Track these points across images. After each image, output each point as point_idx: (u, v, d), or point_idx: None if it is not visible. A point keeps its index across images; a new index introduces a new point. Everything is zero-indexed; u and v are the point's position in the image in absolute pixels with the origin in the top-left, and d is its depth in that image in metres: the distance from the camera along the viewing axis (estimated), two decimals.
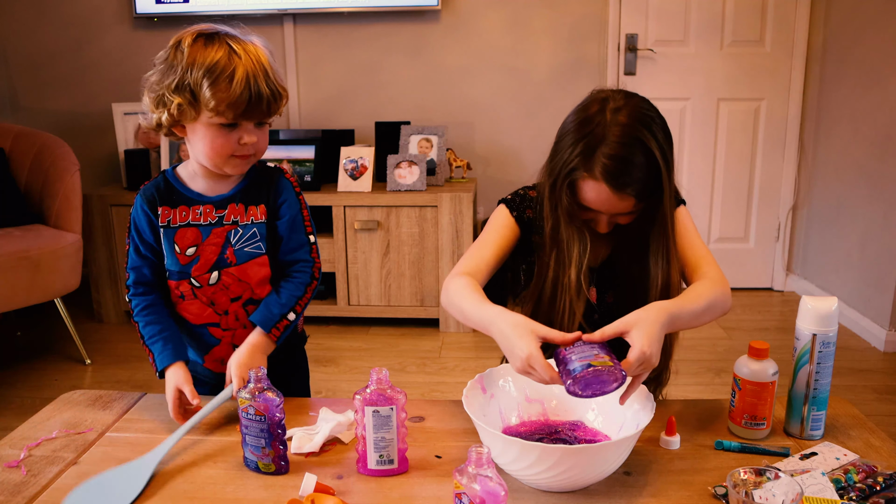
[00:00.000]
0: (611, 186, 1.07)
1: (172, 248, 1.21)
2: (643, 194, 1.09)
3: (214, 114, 1.10)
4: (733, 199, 3.49)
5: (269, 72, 1.14)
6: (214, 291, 1.23)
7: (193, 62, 1.10)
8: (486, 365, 1.23)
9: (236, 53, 1.11)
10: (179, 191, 1.23)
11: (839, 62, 3.14)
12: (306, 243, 1.26)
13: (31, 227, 2.71)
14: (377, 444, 0.97)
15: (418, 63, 3.42)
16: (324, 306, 3.11)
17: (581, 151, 1.08)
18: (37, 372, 2.71)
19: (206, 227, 1.21)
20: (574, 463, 0.88)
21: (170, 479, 0.98)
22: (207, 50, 1.11)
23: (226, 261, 1.22)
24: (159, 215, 1.21)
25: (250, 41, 1.15)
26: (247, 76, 1.10)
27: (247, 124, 1.14)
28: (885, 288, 2.81)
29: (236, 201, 1.22)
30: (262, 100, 1.12)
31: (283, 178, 1.26)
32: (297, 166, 3.08)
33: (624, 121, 1.07)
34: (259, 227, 1.22)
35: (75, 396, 1.24)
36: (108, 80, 3.49)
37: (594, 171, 1.07)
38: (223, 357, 1.26)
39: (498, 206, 1.28)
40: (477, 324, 1.07)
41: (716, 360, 2.71)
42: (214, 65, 1.09)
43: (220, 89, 1.09)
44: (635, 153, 1.06)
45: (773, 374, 1.04)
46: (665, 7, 3.29)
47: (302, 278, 1.25)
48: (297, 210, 1.25)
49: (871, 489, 0.90)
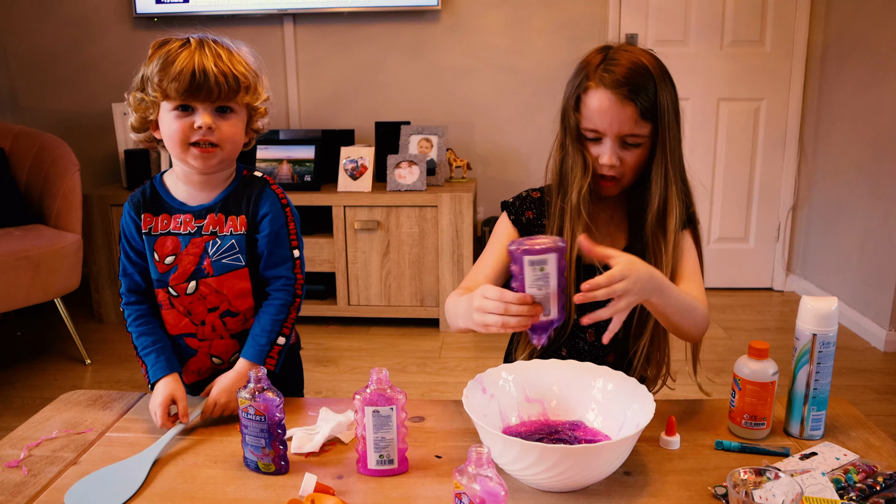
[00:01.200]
0: (613, 90, 1.11)
1: (153, 255, 1.20)
2: (646, 110, 1.11)
3: (162, 96, 1.10)
4: (733, 199, 3.50)
5: (223, 55, 1.11)
6: (191, 301, 1.21)
7: (151, 58, 1.12)
8: (486, 365, 1.23)
9: (189, 43, 1.11)
10: (163, 198, 1.21)
11: (839, 62, 3.14)
12: (289, 258, 1.22)
13: (31, 227, 2.71)
14: (377, 444, 0.97)
15: (418, 63, 3.42)
16: (324, 306, 3.11)
17: (586, 73, 1.14)
18: (37, 372, 2.71)
19: (185, 236, 1.19)
20: (574, 463, 0.88)
21: (170, 479, 0.98)
22: (165, 46, 1.12)
23: (203, 271, 1.20)
24: (141, 223, 1.20)
25: (218, 39, 1.14)
26: (192, 55, 1.09)
27: (201, 108, 1.11)
28: (885, 288, 2.81)
29: (216, 211, 1.19)
30: (209, 77, 1.09)
31: (267, 189, 1.22)
32: (296, 166, 3.08)
33: (632, 50, 1.15)
34: (238, 238, 1.19)
35: (75, 396, 1.24)
36: (108, 80, 3.50)
37: (596, 78, 1.13)
38: (200, 369, 1.25)
39: (501, 213, 1.29)
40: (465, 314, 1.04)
41: (716, 360, 2.70)
42: (167, 54, 1.10)
43: (164, 66, 1.09)
44: (639, 71, 1.12)
45: (773, 374, 1.04)
46: (665, 7, 3.29)
47: (284, 299, 1.21)
48: (280, 224, 1.21)
49: (871, 489, 0.90)
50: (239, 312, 1.22)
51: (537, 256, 0.90)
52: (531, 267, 0.90)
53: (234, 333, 1.24)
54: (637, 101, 1.11)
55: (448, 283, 3.00)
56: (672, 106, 1.15)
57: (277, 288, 1.21)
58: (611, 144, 1.14)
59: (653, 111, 1.12)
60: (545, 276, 0.91)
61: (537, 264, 0.90)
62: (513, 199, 1.28)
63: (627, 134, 1.13)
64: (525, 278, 0.92)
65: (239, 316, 1.23)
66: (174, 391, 1.13)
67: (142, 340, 1.20)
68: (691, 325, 1.14)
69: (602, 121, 1.13)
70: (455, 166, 3.23)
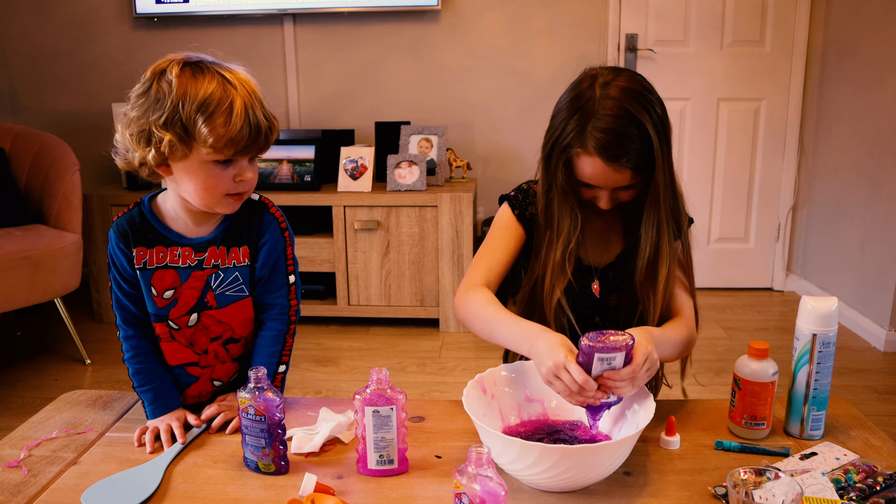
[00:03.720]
0: (605, 160, 1.07)
1: (150, 290, 1.14)
2: (639, 166, 1.09)
3: (212, 150, 1.01)
4: (733, 199, 3.49)
5: (262, 103, 1.06)
6: (193, 332, 1.16)
7: (185, 94, 1.00)
8: (486, 365, 1.23)
9: (231, 84, 1.03)
10: (157, 229, 1.13)
11: (839, 62, 3.14)
12: (285, 285, 1.18)
13: (31, 227, 2.71)
14: (377, 444, 0.97)
15: (418, 63, 3.42)
16: (324, 306, 3.11)
17: (574, 128, 1.09)
18: (37, 372, 2.71)
19: (185, 269, 1.13)
20: (574, 463, 0.88)
21: (170, 479, 0.98)
22: (198, 81, 1.01)
23: (206, 304, 1.15)
24: (134, 256, 1.13)
25: (238, 70, 1.07)
26: (245, 109, 1.02)
27: (242, 160, 1.06)
28: (885, 288, 2.81)
29: (217, 244, 1.13)
30: (261, 133, 1.05)
31: (267, 215, 1.16)
32: (296, 166, 3.08)
33: (614, 94, 1.07)
34: (241, 270, 1.15)
35: (75, 396, 1.24)
36: (108, 80, 3.50)
37: (587, 146, 1.08)
38: (200, 392, 1.22)
39: (501, 205, 1.28)
40: (510, 337, 1.07)
41: (716, 360, 2.71)
42: (209, 97, 1.00)
43: (219, 124, 1.00)
44: (626, 125, 1.07)
45: (773, 374, 1.04)
46: (665, 7, 3.29)
47: (278, 329, 1.18)
48: (279, 251, 1.16)
49: (871, 489, 0.90)
50: (241, 338, 1.20)
51: (607, 354, 0.94)
52: (599, 361, 0.95)
53: (235, 357, 1.21)
54: (629, 162, 1.08)
55: (448, 283, 3.00)
56: (662, 133, 1.09)
57: (272, 317, 1.18)
58: (607, 193, 1.14)
59: (645, 159, 1.09)
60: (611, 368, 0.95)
61: (606, 361, 0.95)
62: (514, 192, 1.27)
63: (623, 186, 1.13)
64: (592, 369, 0.95)
65: (241, 342, 1.20)
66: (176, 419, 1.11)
67: (138, 378, 1.16)
68: (680, 356, 1.18)
69: (596, 180, 1.11)
70: (455, 166, 3.23)
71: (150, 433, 1.08)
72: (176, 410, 1.14)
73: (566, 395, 0.97)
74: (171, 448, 1.05)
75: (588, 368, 0.95)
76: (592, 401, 0.97)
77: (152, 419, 1.13)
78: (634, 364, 0.95)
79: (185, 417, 1.13)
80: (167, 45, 3.44)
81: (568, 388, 0.95)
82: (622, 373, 0.95)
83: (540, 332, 1.03)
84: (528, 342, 1.03)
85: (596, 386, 0.95)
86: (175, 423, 1.10)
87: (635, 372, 0.95)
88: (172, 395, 1.16)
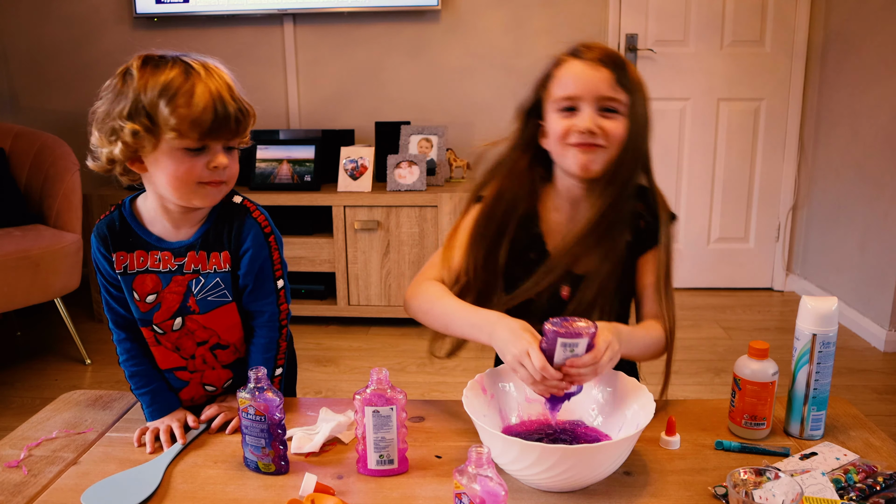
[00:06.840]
0: (586, 59, 1.10)
1: (132, 294, 1.12)
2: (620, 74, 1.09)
3: (176, 135, 0.98)
4: (733, 199, 3.50)
5: (232, 88, 1.03)
6: (179, 337, 1.14)
7: (146, 83, 1.00)
8: (486, 365, 1.23)
9: (194, 70, 1.01)
10: (136, 233, 1.11)
11: (839, 62, 3.14)
12: (273, 292, 1.15)
13: (31, 227, 2.71)
14: (377, 444, 0.97)
15: (418, 63, 3.42)
16: (324, 306, 3.11)
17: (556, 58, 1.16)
18: (37, 372, 2.71)
19: (166, 273, 1.11)
20: (574, 463, 0.88)
21: (170, 479, 0.98)
22: (160, 70, 1.00)
23: (188, 308, 1.12)
24: (114, 261, 1.11)
25: (210, 61, 1.05)
26: (209, 91, 0.99)
27: (215, 146, 1.03)
28: (885, 288, 2.81)
29: (196, 248, 1.10)
30: (230, 117, 1.01)
31: (248, 220, 1.12)
32: (296, 166, 3.08)
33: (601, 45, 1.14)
34: (223, 276, 1.12)
35: (75, 396, 1.24)
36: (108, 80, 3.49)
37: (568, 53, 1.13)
38: (193, 397, 1.20)
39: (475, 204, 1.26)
40: (470, 328, 1.07)
41: (716, 360, 2.70)
42: (169, 82, 0.99)
43: (180, 105, 0.98)
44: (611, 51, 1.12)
45: (773, 374, 1.04)
46: (665, 7, 3.29)
47: (269, 336, 1.16)
48: (263, 258, 1.12)
49: (871, 489, 0.90)
50: (229, 344, 1.17)
51: (571, 340, 0.94)
52: (562, 347, 0.94)
53: (225, 365, 1.20)
54: (613, 69, 1.08)
55: None
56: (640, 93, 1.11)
57: (262, 324, 1.16)
58: (589, 110, 1.10)
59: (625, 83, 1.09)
60: (574, 356, 0.95)
61: (569, 346, 0.94)
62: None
63: (605, 97, 1.09)
64: (555, 355, 0.95)
65: (230, 348, 1.18)
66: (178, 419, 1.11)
67: (135, 380, 1.15)
68: (650, 357, 1.15)
69: (577, 85, 1.10)
70: (455, 166, 3.23)
71: (150, 433, 1.08)
72: (176, 411, 1.14)
73: (530, 382, 0.96)
74: (171, 448, 1.05)
75: (551, 355, 0.94)
76: (556, 391, 0.96)
77: (151, 420, 1.13)
78: (596, 350, 0.94)
79: (185, 418, 1.13)
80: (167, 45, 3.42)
81: (531, 375, 0.95)
82: (584, 359, 0.94)
83: (499, 319, 1.02)
84: (488, 329, 1.02)
85: (560, 375, 0.94)
86: (175, 424, 1.10)
87: (597, 359, 0.94)
88: (171, 395, 1.16)
